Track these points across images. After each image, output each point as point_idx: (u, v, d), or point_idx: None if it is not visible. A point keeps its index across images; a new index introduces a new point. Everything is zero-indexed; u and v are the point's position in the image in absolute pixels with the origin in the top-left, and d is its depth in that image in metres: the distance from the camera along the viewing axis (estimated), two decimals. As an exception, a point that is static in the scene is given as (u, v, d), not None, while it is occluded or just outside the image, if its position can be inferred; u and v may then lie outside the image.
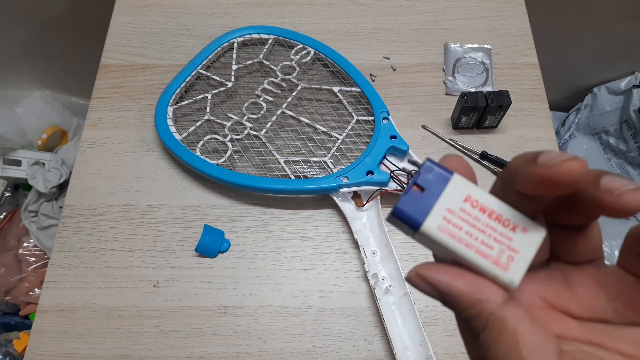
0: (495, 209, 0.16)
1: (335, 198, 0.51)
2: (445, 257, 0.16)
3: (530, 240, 0.16)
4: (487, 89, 0.60)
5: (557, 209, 0.16)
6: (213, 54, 0.60)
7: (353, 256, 0.51)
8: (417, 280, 0.16)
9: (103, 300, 0.49)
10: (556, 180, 0.13)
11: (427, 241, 0.16)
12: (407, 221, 0.16)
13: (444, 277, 0.15)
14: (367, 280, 0.49)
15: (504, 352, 0.14)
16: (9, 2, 0.87)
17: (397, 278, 0.46)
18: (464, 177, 0.16)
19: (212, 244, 0.49)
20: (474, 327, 0.15)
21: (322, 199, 0.53)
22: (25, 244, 0.95)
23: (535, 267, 0.17)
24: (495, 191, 0.17)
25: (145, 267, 0.50)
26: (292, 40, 0.61)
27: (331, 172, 0.51)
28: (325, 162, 0.53)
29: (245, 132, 0.55)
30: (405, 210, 0.16)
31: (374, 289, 0.46)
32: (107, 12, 0.66)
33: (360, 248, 0.48)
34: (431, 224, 0.16)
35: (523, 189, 0.15)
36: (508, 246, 0.15)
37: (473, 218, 0.16)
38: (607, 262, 0.18)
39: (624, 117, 1.00)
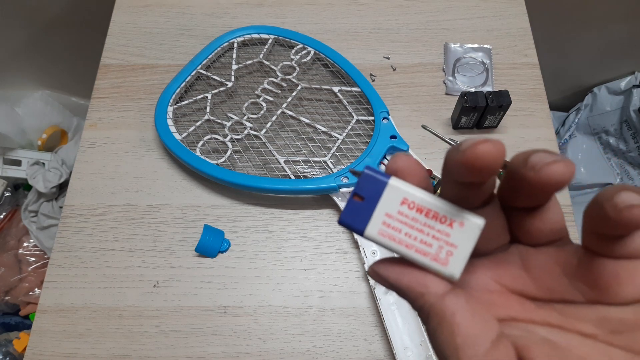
0: (431, 207, 0.17)
1: (335, 198, 0.51)
2: None
3: (468, 234, 0.16)
4: (487, 89, 0.60)
5: (507, 192, 0.17)
6: (213, 54, 0.60)
7: (353, 256, 0.51)
8: (373, 275, 0.17)
9: (103, 300, 0.49)
10: (470, 164, 0.14)
11: (375, 243, 0.17)
12: (351, 230, 0.17)
13: (392, 274, 0.16)
14: (367, 280, 0.49)
15: (443, 340, 0.15)
16: (9, 2, 0.87)
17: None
18: (401, 180, 0.17)
19: (212, 244, 0.49)
20: (420, 317, 0.16)
21: (322, 199, 0.53)
22: (25, 244, 0.95)
23: (493, 252, 0.18)
24: (443, 185, 0.17)
25: (145, 267, 0.50)
26: (292, 40, 0.61)
27: (331, 172, 0.51)
28: (325, 162, 0.53)
29: (245, 132, 0.55)
30: (346, 221, 0.17)
31: (374, 289, 0.46)
32: (107, 12, 0.66)
33: (360, 248, 0.48)
34: (372, 231, 0.17)
35: (455, 177, 0.15)
36: (446, 242, 0.16)
37: (411, 219, 0.17)
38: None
39: (624, 117, 1.00)
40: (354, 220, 0.17)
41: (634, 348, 0.15)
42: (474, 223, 0.16)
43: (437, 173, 0.51)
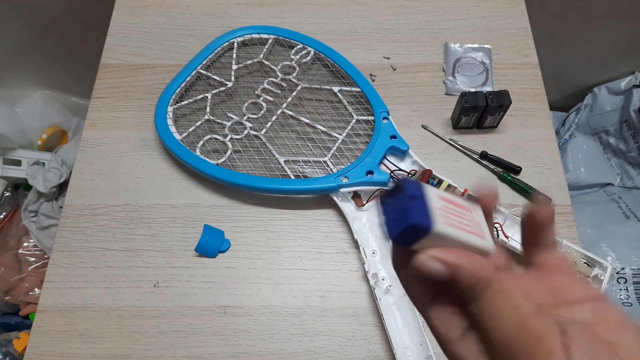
0: (456, 200, 0.20)
1: (335, 198, 0.51)
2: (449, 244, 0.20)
3: (479, 213, 0.20)
4: (487, 88, 0.60)
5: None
6: (213, 53, 0.60)
7: (353, 256, 0.51)
8: (428, 262, 0.19)
9: (103, 300, 0.49)
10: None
11: (438, 238, 0.18)
12: (415, 230, 0.18)
13: (449, 256, 0.19)
14: (367, 280, 0.49)
15: (499, 304, 0.18)
16: (9, 2, 0.87)
17: (397, 278, 0.46)
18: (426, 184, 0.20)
19: (212, 244, 0.49)
20: (471, 291, 0.19)
21: (322, 199, 0.53)
22: (25, 244, 0.95)
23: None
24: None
25: (145, 267, 0.50)
26: (292, 40, 0.61)
27: (331, 172, 0.51)
28: (325, 162, 0.53)
29: (245, 132, 0.55)
30: (414, 220, 0.18)
31: (374, 289, 0.46)
32: (107, 12, 0.66)
33: (360, 248, 0.48)
34: (439, 223, 0.18)
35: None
36: (475, 222, 0.20)
37: (451, 210, 0.19)
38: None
39: (624, 117, 1.00)
40: (420, 219, 0.18)
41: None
42: (477, 205, 0.21)
43: (437, 173, 0.51)
